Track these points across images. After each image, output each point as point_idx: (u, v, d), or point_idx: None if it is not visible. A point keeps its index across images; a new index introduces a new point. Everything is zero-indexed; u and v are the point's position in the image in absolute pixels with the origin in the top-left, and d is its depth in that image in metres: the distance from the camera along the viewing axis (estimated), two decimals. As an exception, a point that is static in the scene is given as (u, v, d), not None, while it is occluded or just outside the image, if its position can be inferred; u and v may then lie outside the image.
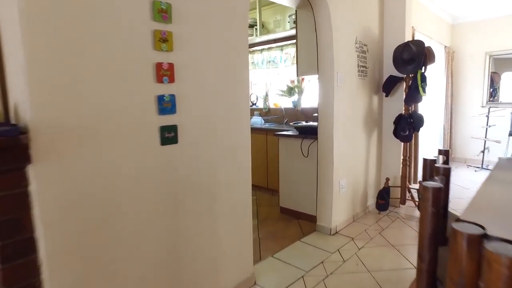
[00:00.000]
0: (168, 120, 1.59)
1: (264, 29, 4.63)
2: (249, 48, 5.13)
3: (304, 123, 3.36)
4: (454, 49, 5.74)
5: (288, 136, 3.32)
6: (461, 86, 5.79)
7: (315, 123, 3.16)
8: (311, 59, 3.15)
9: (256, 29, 4.61)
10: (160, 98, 1.55)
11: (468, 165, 5.59)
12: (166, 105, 1.57)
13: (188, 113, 1.68)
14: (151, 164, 1.55)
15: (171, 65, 1.58)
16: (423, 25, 4.46)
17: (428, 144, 5.06)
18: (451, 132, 5.81)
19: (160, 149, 1.57)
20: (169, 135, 1.60)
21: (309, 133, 3.15)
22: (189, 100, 1.68)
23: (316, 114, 3.41)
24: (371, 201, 3.60)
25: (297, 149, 3.25)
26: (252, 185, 4.18)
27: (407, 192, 3.44)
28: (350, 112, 3.08)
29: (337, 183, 2.98)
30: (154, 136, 1.55)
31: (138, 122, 1.48)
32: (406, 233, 3.01)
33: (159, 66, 1.53)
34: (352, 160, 3.19)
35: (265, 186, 4.36)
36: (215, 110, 1.82)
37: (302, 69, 3.25)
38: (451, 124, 5.78)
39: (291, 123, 3.39)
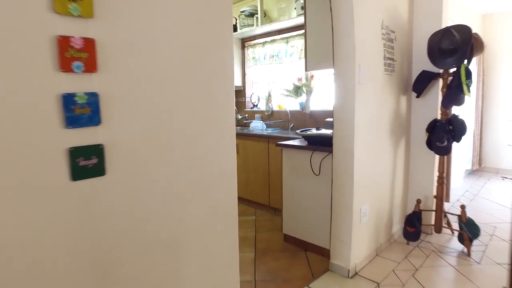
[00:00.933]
0: (85, 136, 0.92)
1: (267, 18, 3.95)
2: (250, 41, 4.47)
3: (314, 130, 2.66)
4: (486, 43, 5.00)
5: (294, 147, 2.63)
6: (495, 85, 5.05)
7: (329, 131, 2.48)
8: (323, 49, 2.46)
9: (257, 18, 3.93)
10: (68, 99, 0.88)
11: (503, 177, 4.84)
12: (80, 111, 0.90)
13: (124, 125, 1.01)
14: (53, 216, 0.88)
15: (89, 42, 0.91)
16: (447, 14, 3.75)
17: (456, 154, 4.34)
18: (481, 139, 5.07)
19: (70, 188, 0.91)
20: (87, 163, 0.93)
21: (321, 144, 2.46)
22: (126, 103, 1.00)
23: (329, 119, 2.72)
24: (397, 227, 2.89)
25: (305, 164, 2.57)
26: (252, 202, 3.47)
27: (443, 218, 2.73)
28: (374, 118, 2.39)
29: (358, 210, 2.29)
30: (57, 166, 0.88)
31: (23, 143, 0.82)
32: (448, 275, 2.31)
33: (64, 42, 0.86)
34: (376, 179, 2.49)
35: (266, 204, 3.67)
36: (176, 119, 1.14)
37: (312, 62, 2.56)
38: (481, 129, 5.04)
39: (298, 131, 2.70)
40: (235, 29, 4.26)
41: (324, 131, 2.61)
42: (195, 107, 1.18)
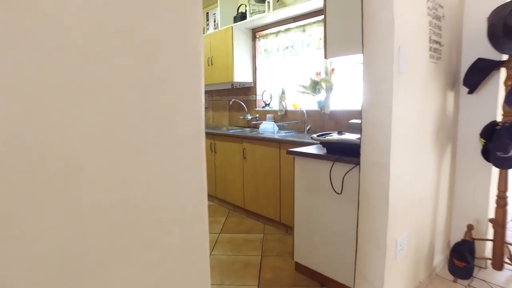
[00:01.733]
0: None
1: (280, 2, 3.41)
2: (261, 31, 3.94)
3: (335, 135, 2.10)
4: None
5: (309, 155, 2.08)
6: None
7: (355, 137, 1.91)
8: (347, 29, 1.90)
9: (268, 2, 3.39)
10: None
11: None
12: None
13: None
14: None
15: None
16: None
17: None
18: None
19: None
20: None
21: (345, 153, 1.90)
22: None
23: (355, 121, 2.15)
24: (439, 258, 2.29)
25: (323, 178, 2.01)
26: (260, 216, 2.94)
27: (505, 249, 2.10)
28: (417, 119, 1.81)
29: (393, 243, 1.72)
30: None
31: None
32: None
33: None
34: (416, 199, 1.91)
35: (276, 220, 3.12)
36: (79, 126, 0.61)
37: (333, 47, 2.00)
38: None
39: (315, 135, 2.14)
40: (244, 17, 3.74)
41: (348, 136, 2.03)
42: (125, 99, 0.66)
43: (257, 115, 4.07)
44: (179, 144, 0.75)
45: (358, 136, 1.82)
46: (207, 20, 4.45)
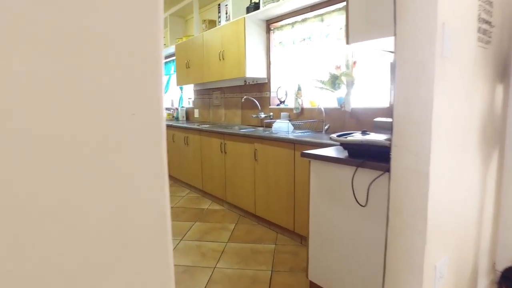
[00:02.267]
0: None
1: (296, -11, 3.10)
2: (275, 22, 3.63)
3: (358, 135, 1.77)
4: None
5: (327, 159, 1.76)
6: None
7: (382, 137, 1.59)
8: (374, 8, 1.58)
9: (283, -11, 3.09)
10: None
11: None
12: None
13: None
14: None
15: None
16: None
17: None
18: None
19: None
20: None
21: (370, 158, 1.57)
22: None
23: (381, 120, 1.83)
24: (483, 284, 1.92)
25: (344, 186, 1.69)
26: (272, 224, 2.67)
27: None
28: (461, 117, 1.47)
29: (431, 269, 1.38)
30: None
31: None
32: None
33: None
34: (459, 215, 1.56)
35: (290, 229, 2.82)
36: None
37: (357, 30, 1.68)
38: None
39: (334, 135, 1.82)
40: (257, 7, 3.45)
41: (373, 136, 1.70)
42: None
43: (271, 114, 3.77)
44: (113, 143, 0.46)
45: (386, 136, 1.49)
46: (219, 12, 4.18)
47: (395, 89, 1.35)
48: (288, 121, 3.15)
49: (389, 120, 1.78)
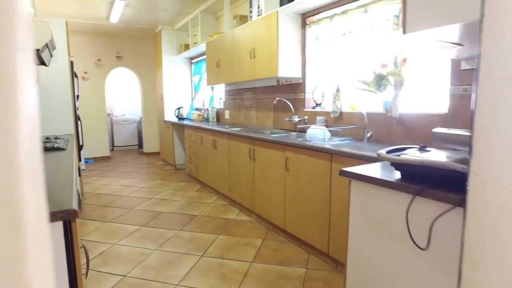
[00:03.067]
0: None
1: (337, -24, 2.72)
2: (312, 15, 3.25)
3: (415, 152, 1.38)
4: None
5: (373, 181, 1.39)
6: None
7: (449, 156, 1.19)
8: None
9: (322, -23, 2.72)
10: None
11: None
12: None
13: None
14: None
15: None
16: None
17: None
18: None
19: None
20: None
21: (434, 183, 1.19)
22: None
23: (443, 131, 1.43)
24: None
25: (394, 216, 1.32)
26: (304, 243, 2.25)
27: None
28: None
29: None
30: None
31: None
32: None
33: None
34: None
35: (324, 251, 2.45)
36: None
37: (418, 15, 1.29)
38: None
39: (383, 152, 1.44)
40: (292, -1, 3.10)
41: (437, 155, 1.31)
42: None
43: (306, 117, 3.41)
44: None
45: (453, 155, 1.10)
46: (251, 6, 3.88)
47: (477, 89, 0.96)
48: (324, 127, 2.78)
49: (455, 132, 1.38)
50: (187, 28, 5.76)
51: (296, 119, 3.46)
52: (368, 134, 2.64)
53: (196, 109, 6.43)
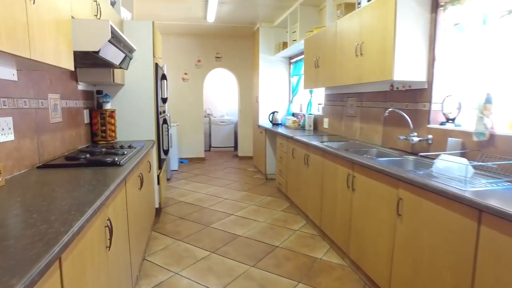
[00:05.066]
0: None
1: None
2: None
3: None
4: None
5: None
6: None
7: None
8: None
9: None
10: None
11: None
12: None
13: None
14: None
15: None
16: None
17: None
18: None
19: None
20: None
21: None
22: None
23: None
24: None
25: None
26: None
27: None
28: None
29: None
30: None
31: None
32: None
33: None
34: None
35: None
36: None
37: None
38: None
39: None
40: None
41: None
42: None
43: (430, 137, 2.46)
44: None
45: None
46: (360, -10, 3.05)
47: None
48: (465, 161, 1.83)
49: None
50: (286, 24, 5.18)
51: (415, 138, 2.53)
52: (547, 177, 1.61)
53: (293, 114, 5.82)
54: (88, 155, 2.32)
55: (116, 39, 2.18)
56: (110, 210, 1.56)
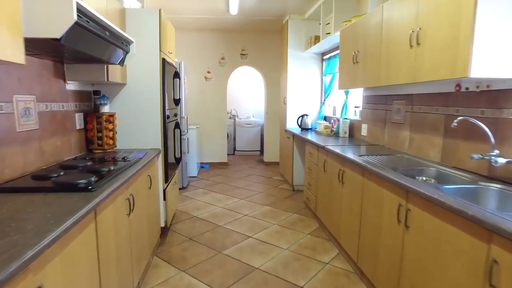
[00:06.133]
0: None
1: None
2: None
3: None
4: None
5: None
6: None
7: None
8: None
9: None
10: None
11: None
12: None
13: None
14: None
15: None
16: None
17: None
18: None
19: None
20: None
21: None
22: None
23: None
24: None
25: None
26: None
27: None
28: None
29: None
30: None
31: None
32: None
33: None
34: None
35: None
36: None
37: None
38: None
39: None
40: None
41: None
42: None
43: (521, 157, 1.75)
44: None
45: None
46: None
47: None
48: None
49: None
50: (318, 16, 4.52)
51: (499, 159, 1.82)
52: None
53: (325, 118, 5.15)
54: (62, 173, 1.83)
55: (93, 25, 1.66)
56: (43, 273, 1.03)
